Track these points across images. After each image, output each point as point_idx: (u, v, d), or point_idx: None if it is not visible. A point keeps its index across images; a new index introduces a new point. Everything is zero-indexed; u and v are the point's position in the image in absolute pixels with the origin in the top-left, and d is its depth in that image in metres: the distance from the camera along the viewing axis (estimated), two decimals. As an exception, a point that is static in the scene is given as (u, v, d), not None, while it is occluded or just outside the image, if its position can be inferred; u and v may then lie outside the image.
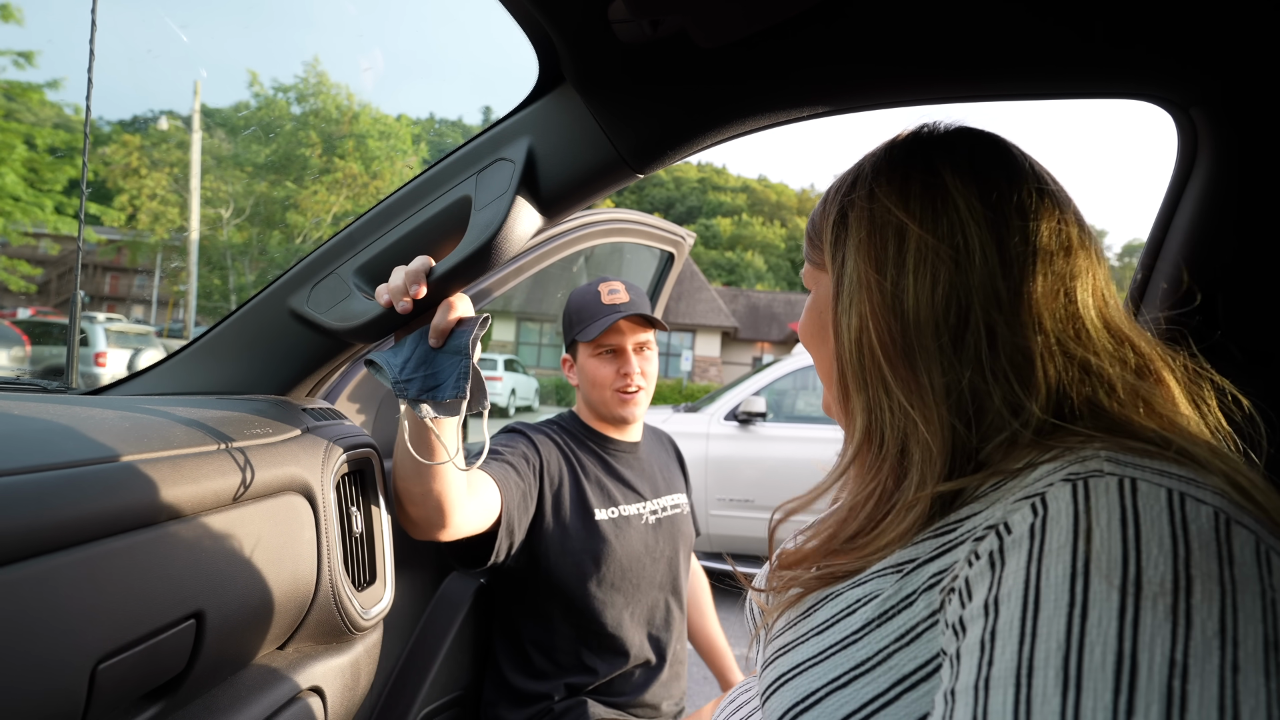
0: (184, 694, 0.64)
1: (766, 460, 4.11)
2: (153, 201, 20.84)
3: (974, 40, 0.69)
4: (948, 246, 0.50)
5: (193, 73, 59.65)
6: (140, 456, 0.60)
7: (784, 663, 0.48)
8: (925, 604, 0.43)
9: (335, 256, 0.90)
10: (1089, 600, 0.34)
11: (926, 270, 0.50)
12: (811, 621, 0.49)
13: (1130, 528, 0.35)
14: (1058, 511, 0.38)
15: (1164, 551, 0.34)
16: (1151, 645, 0.32)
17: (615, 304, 1.32)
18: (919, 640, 0.42)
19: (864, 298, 0.52)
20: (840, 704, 0.43)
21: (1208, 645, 0.32)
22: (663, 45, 0.70)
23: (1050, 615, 0.35)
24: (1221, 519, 0.35)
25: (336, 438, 0.87)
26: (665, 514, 1.38)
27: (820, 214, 0.60)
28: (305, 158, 21.41)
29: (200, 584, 0.62)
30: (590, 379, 1.35)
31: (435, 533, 0.97)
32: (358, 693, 0.89)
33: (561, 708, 1.20)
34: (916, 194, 0.52)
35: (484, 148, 0.85)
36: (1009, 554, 0.39)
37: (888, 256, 0.51)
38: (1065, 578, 0.35)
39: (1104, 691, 0.32)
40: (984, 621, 0.38)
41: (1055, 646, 0.34)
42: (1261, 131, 0.73)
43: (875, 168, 0.55)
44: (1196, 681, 0.31)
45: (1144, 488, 0.37)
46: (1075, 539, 0.36)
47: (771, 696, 0.48)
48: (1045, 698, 0.33)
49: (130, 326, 11.51)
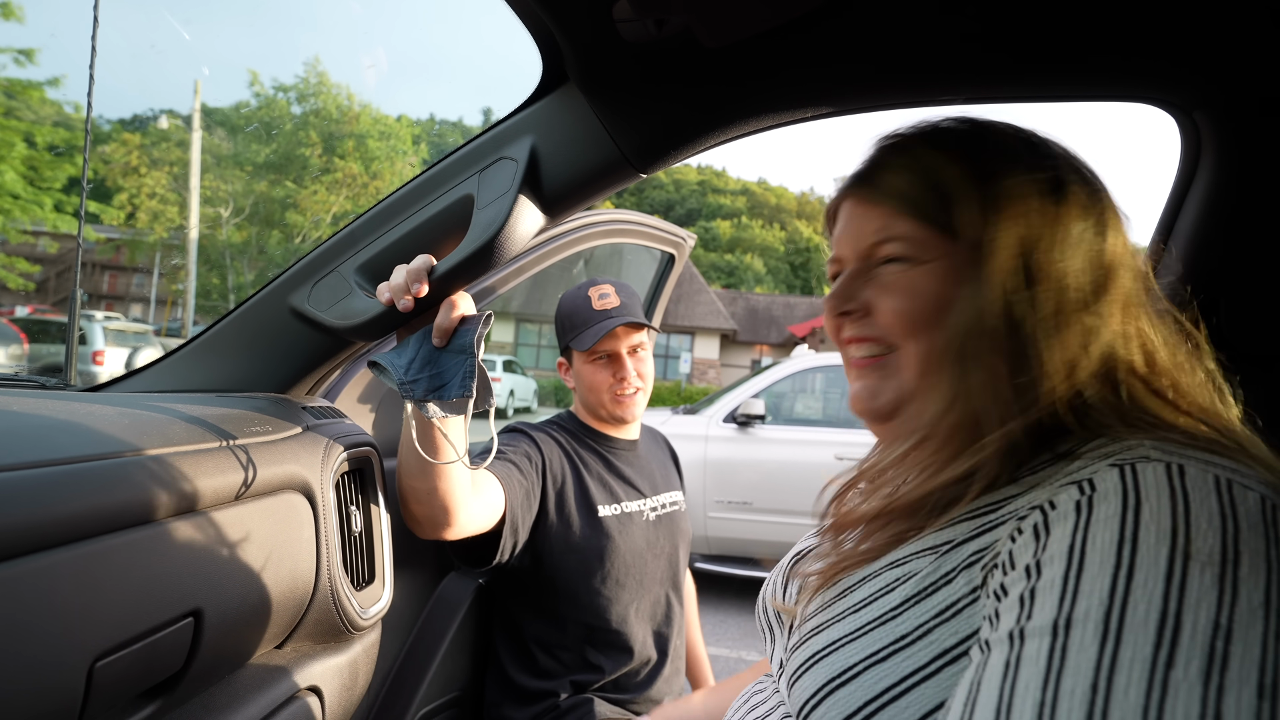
0: (182, 692, 0.63)
1: (765, 463, 4.11)
2: (152, 200, 20.84)
3: (979, 43, 0.68)
4: (1093, 223, 0.51)
5: (193, 71, 59.67)
6: (139, 453, 0.60)
7: (818, 641, 0.48)
8: (965, 580, 0.43)
9: (336, 254, 0.90)
10: (1136, 563, 0.35)
11: (1081, 244, 0.51)
12: (848, 601, 0.49)
13: (1180, 504, 0.36)
14: (1106, 490, 0.39)
15: (1213, 527, 0.35)
16: (1197, 607, 0.33)
17: (607, 309, 1.32)
18: (959, 615, 0.42)
19: (1019, 268, 0.50)
20: (879, 677, 0.43)
21: (1253, 614, 0.32)
22: (667, 45, 0.70)
23: (1095, 574, 0.35)
24: (1269, 504, 0.36)
25: (336, 436, 0.87)
26: (665, 510, 1.39)
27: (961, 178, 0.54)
28: (305, 157, 21.41)
29: (199, 582, 0.62)
30: (587, 384, 1.35)
31: (441, 531, 0.96)
32: (356, 692, 0.89)
33: (567, 705, 1.20)
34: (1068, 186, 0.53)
35: (487, 146, 0.85)
36: (1054, 525, 0.39)
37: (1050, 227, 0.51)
38: (1113, 543, 0.36)
39: (1144, 644, 0.32)
40: (1025, 582, 0.38)
41: (1097, 602, 0.34)
42: (1264, 135, 0.73)
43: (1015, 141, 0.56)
44: (1240, 644, 0.32)
45: (1192, 471, 0.38)
46: (1124, 510, 0.37)
47: (804, 675, 0.48)
48: (1082, 646, 0.33)
49: (128, 325, 11.49)
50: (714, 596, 4.10)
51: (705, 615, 3.82)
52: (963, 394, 0.50)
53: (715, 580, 4.24)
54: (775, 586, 0.67)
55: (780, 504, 4.03)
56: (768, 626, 0.66)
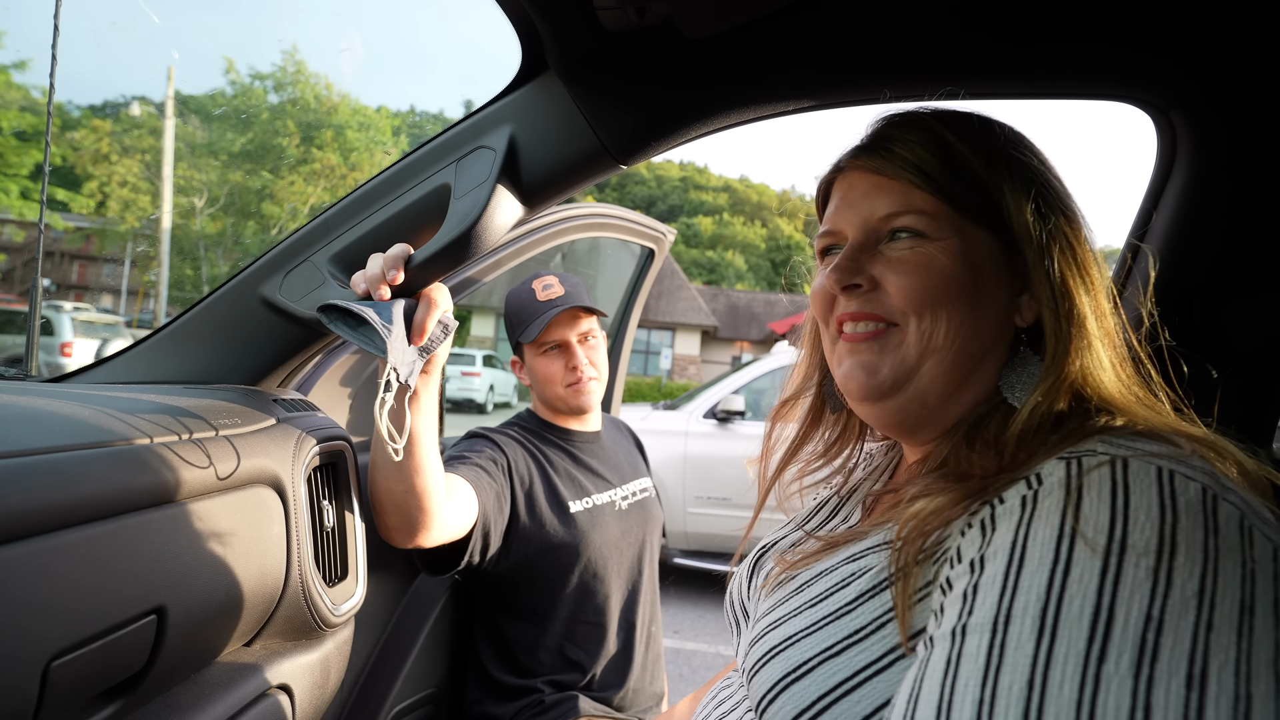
0: (144, 692, 0.61)
1: (744, 458, 4.11)
2: (123, 189, 20.34)
3: (957, 38, 0.69)
4: (1075, 220, 0.54)
5: (165, 58, 58.34)
6: (100, 446, 0.58)
7: (775, 636, 0.49)
8: (921, 575, 0.44)
9: (310, 244, 0.88)
10: (1073, 558, 0.35)
11: (1079, 239, 0.53)
12: (804, 596, 0.50)
13: (1120, 497, 0.36)
14: (1051, 484, 0.39)
15: (1151, 519, 0.35)
16: (1129, 600, 0.33)
17: (551, 299, 1.31)
18: (912, 610, 0.43)
19: (1038, 260, 0.52)
20: (833, 671, 0.44)
21: (1185, 604, 0.33)
22: (649, 34, 0.69)
23: (1033, 570, 0.36)
24: (1209, 494, 0.36)
25: (309, 429, 0.85)
26: (635, 499, 1.38)
27: (985, 159, 0.54)
28: (282, 147, 21.04)
29: (162, 579, 0.60)
30: (541, 377, 1.34)
31: (417, 536, 0.95)
32: (327, 690, 0.87)
33: (551, 700, 1.20)
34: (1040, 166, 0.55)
35: (464, 135, 0.83)
36: (1000, 520, 0.40)
37: (1068, 209, 0.54)
38: (1052, 539, 0.36)
39: (1078, 639, 0.33)
40: (969, 577, 0.39)
41: (1035, 598, 0.35)
42: (1239, 134, 0.74)
43: (1012, 132, 0.57)
44: (1170, 635, 0.32)
45: (1135, 464, 0.38)
46: (1065, 505, 0.37)
47: (761, 670, 0.48)
48: (1019, 643, 0.34)
49: (98, 316, 11.22)
50: (693, 592, 4.11)
51: (684, 610, 3.83)
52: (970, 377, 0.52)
53: (694, 576, 4.25)
54: (741, 581, 0.67)
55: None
56: (734, 621, 0.66)
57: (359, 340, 0.79)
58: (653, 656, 1.34)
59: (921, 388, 0.54)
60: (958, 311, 0.52)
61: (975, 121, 0.57)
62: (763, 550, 0.68)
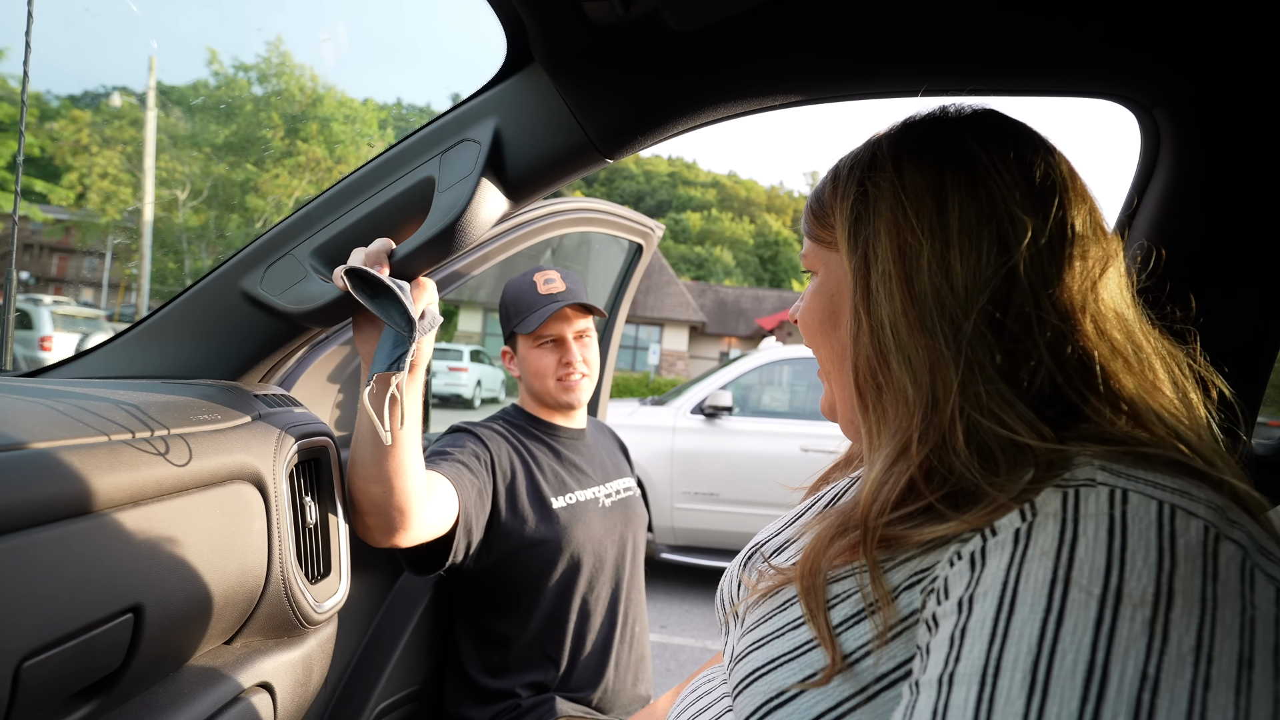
0: (121, 691, 0.60)
1: (732, 454, 4.13)
2: (104, 180, 20.01)
3: (944, 33, 0.68)
4: (992, 225, 0.47)
5: (146, 48, 57.36)
6: (73, 442, 0.57)
7: (757, 658, 0.47)
8: (906, 602, 0.42)
9: (291, 237, 0.86)
10: (1066, 607, 0.34)
11: (971, 247, 0.46)
12: (787, 616, 0.48)
13: (1117, 539, 0.35)
14: (1045, 518, 0.37)
15: (1148, 565, 0.34)
16: (1125, 657, 0.32)
17: (553, 293, 1.31)
18: (898, 639, 0.41)
19: (900, 275, 0.48)
20: (815, 701, 0.42)
21: (1182, 660, 0.31)
22: (635, 26, 0.68)
23: (1025, 618, 0.34)
24: (1211, 534, 0.35)
25: (290, 425, 0.84)
26: (619, 497, 1.38)
27: (830, 191, 0.56)
28: (267, 140, 20.81)
29: (139, 577, 0.59)
30: (532, 370, 1.34)
31: (396, 537, 0.94)
32: (310, 688, 0.86)
33: (529, 704, 1.19)
34: (952, 170, 0.49)
35: (449, 128, 0.82)
36: (990, 555, 0.38)
37: (926, 232, 0.48)
38: (1045, 583, 0.35)
39: (1071, 699, 0.31)
40: (956, 618, 0.37)
41: (1026, 650, 0.33)
42: (1222, 133, 0.75)
43: (898, 144, 0.52)
44: (1166, 696, 0.31)
45: (1135, 500, 0.36)
46: (1060, 546, 0.36)
47: (744, 691, 0.47)
48: (1009, 699, 0.33)
49: (78, 310, 11.07)
50: (680, 587, 4.12)
51: (671, 605, 3.84)
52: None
53: (681, 571, 4.26)
54: (732, 579, 0.67)
55: (746, 495, 4.06)
56: (723, 620, 0.66)
57: (378, 310, 0.78)
58: (636, 657, 1.33)
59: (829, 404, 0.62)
60: (826, 342, 0.59)
61: (875, 147, 0.55)
62: (755, 548, 0.68)
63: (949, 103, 0.55)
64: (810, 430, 4.15)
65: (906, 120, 0.55)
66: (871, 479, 0.47)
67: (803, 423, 4.24)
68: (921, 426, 0.45)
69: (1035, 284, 0.46)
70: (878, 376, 0.49)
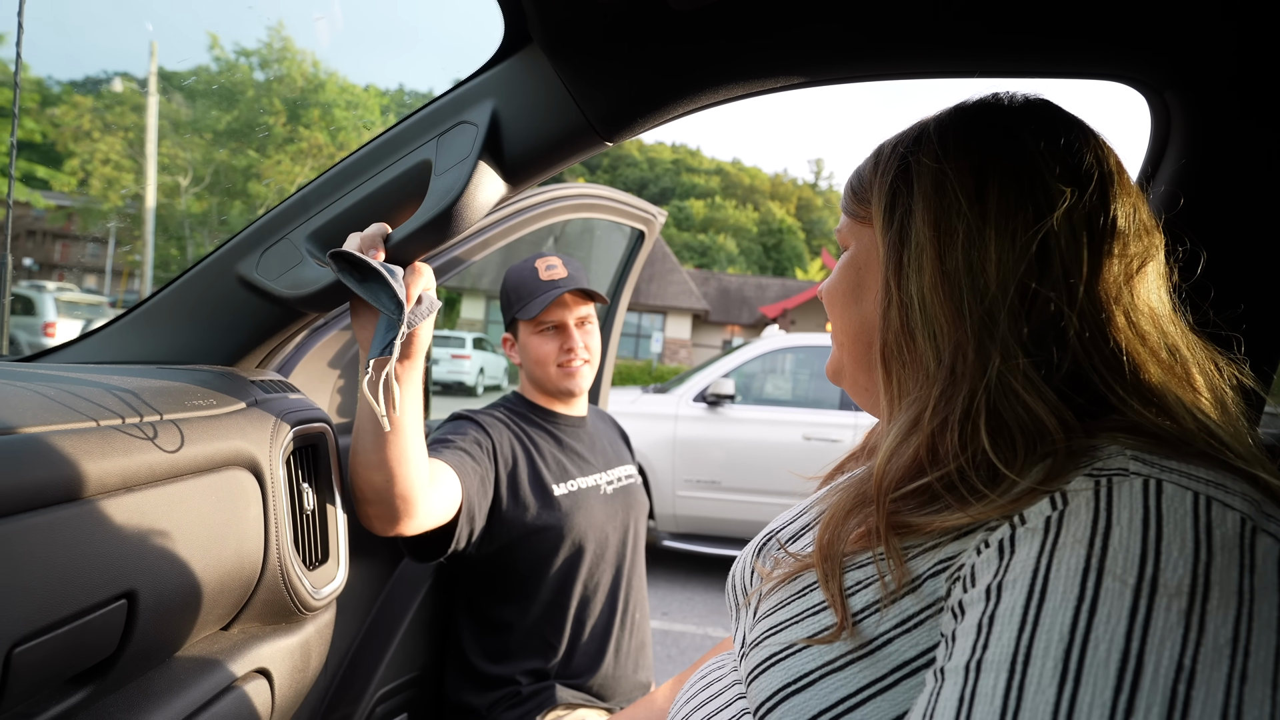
0: (115, 677, 0.60)
1: (734, 442, 4.13)
2: (106, 166, 19.95)
3: (953, 12, 0.67)
4: (1030, 208, 0.46)
5: (147, 33, 57.04)
6: (66, 426, 0.56)
7: (775, 642, 0.47)
8: (931, 589, 0.41)
9: (287, 221, 0.85)
10: (1099, 596, 0.33)
11: (1007, 228, 0.46)
12: (807, 601, 0.47)
13: (1152, 529, 0.34)
14: (1078, 506, 0.37)
15: (1184, 555, 0.33)
16: (1160, 647, 0.31)
17: (554, 279, 1.30)
18: (921, 627, 0.41)
19: (934, 251, 0.48)
20: (835, 686, 0.42)
21: (1219, 653, 0.31)
22: (635, 6, 0.66)
23: (1056, 606, 0.34)
24: (1248, 526, 0.34)
25: (286, 411, 0.83)
26: (620, 484, 1.38)
27: (872, 168, 0.56)
28: (269, 126, 20.72)
29: (133, 562, 0.58)
30: (533, 356, 1.33)
31: (399, 525, 0.93)
32: (308, 674, 0.86)
33: (529, 690, 1.19)
34: (996, 153, 0.48)
35: (446, 110, 0.81)
36: (1020, 543, 0.37)
37: (964, 210, 0.47)
38: (1078, 571, 0.34)
39: (1104, 689, 0.31)
40: (984, 605, 0.36)
41: (1058, 638, 0.33)
42: (1233, 116, 0.73)
43: (946, 126, 0.52)
44: (1202, 688, 0.30)
45: (1169, 490, 0.36)
46: (1093, 535, 0.35)
47: (761, 676, 0.46)
48: (1040, 687, 0.32)
49: (81, 296, 11.09)
50: (681, 574, 4.14)
51: (672, 592, 3.85)
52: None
53: (683, 558, 4.28)
54: (745, 565, 0.66)
55: (748, 483, 4.06)
56: (734, 604, 0.65)
57: (365, 293, 0.77)
58: (636, 644, 1.33)
59: (836, 368, 0.63)
60: (846, 313, 0.59)
61: (923, 128, 0.54)
62: (769, 535, 0.67)
63: (1002, 89, 0.54)
64: (812, 419, 4.14)
65: (958, 105, 0.54)
66: (885, 448, 0.47)
67: (805, 411, 4.23)
68: (937, 400, 0.45)
69: (1071, 270, 0.45)
70: (903, 350, 0.49)
